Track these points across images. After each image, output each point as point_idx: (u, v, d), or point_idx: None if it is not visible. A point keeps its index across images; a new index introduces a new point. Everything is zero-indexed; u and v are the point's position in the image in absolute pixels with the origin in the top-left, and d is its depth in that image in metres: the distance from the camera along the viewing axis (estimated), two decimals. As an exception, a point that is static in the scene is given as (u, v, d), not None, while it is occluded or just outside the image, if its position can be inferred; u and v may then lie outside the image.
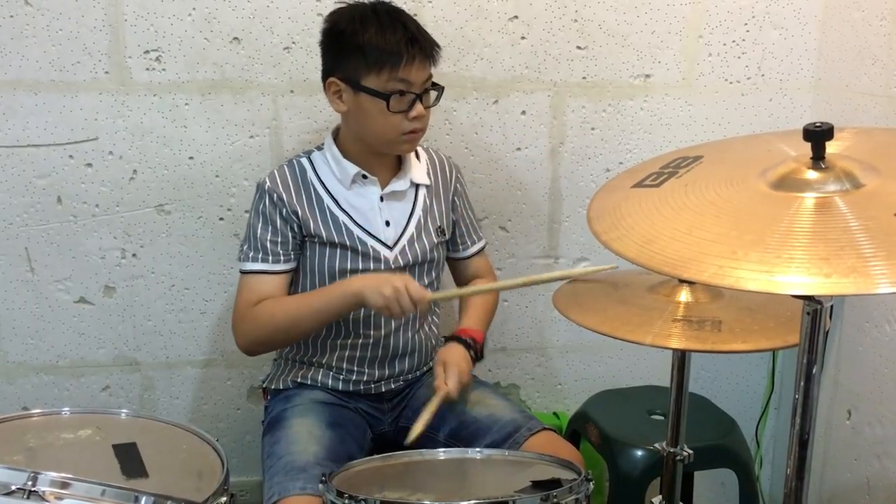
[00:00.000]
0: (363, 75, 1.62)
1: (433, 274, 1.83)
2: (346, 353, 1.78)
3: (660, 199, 1.13)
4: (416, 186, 1.80)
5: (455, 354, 1.73)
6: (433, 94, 1.70)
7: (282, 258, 1.72)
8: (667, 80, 2.10)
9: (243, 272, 1.74)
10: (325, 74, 1.69)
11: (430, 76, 1.68)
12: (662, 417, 1.95)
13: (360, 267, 1.72)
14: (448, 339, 1.80)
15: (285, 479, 1.53)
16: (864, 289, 0.91)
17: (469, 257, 1.92)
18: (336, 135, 1.77)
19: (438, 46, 1.69)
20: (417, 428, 1.58)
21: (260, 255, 1.71)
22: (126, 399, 2.10)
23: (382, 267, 1.73)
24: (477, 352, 1.78)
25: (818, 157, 1.07)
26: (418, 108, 1.65)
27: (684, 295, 1.47)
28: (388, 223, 1.75)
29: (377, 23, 1.61)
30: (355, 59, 1.62)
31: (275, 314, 1.69)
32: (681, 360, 1.54)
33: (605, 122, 2.10)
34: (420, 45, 1.63)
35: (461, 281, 1.95)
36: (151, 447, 1.44)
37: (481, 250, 1.95)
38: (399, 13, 1.67)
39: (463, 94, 2.03)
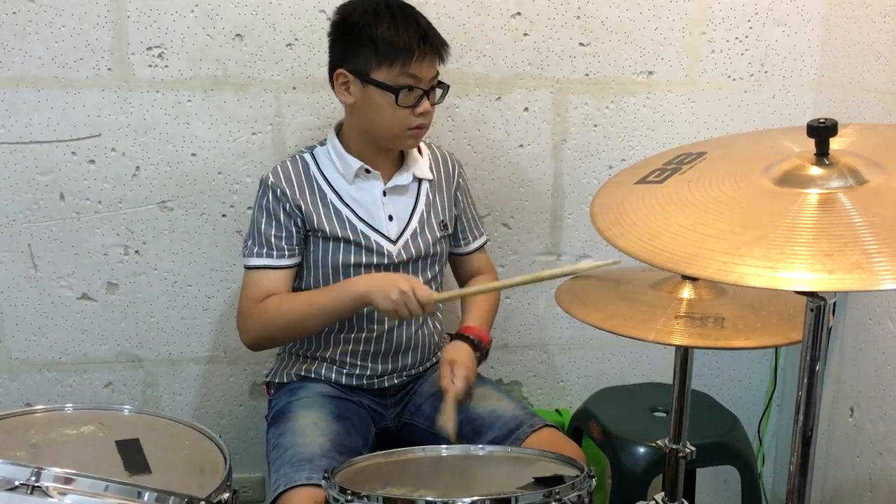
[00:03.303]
0: (373, 68, 1.63)
1: (436, 268, 1.83)
2: (350, 348, 1.78)
3: (663, 195, 1.13)
4: (419, 181, 1.80)
5: (462, 353, 1.74)
6: (439, 91, 1.71)
7: (286, 253, 1.72)
8: (669, 76, 2.09)
9: (248, 268, 1.74)
10: (333, 66, 1.70)
11: (438, 73, 1.69)
12: (665, 414, 1.95)
13: (364, 261, 1.73)
14: (454, 336, 1.81)
15: (291, 470, 1.54)
16: (868, 285, 0.91)
17: (470, 253, 1.93)
18: (339, 130, 1.78)
19: (448, 45, 1.70)
20: (450, 427, 1.62)
21: (265, 251, 1.71)
22: (129, 395, 2.11)
23: (386, 261, 1.74)
24: (482, 351, 1.79)
25: (822, 154, 1.07)
26: (425, 104, 1.66)
27: (687, 292, 1.47)
28: (391, 217, 1.75)
29: (390, 17, 1.62)
30: (366, 52, 1.63)
31: (280, 312, 1.69)
32: (683, 356, 1.54)
33: (607, 118, 2.10)
34: (431, 43, 1.65)
35: (461, 276, 1.96)
36: (154, 443, 1.44)
37: (482, 246, 1.95)
38: (411, 9, 1.68)
39: (465, 91, 2.03)
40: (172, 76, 1.93)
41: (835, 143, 1.07)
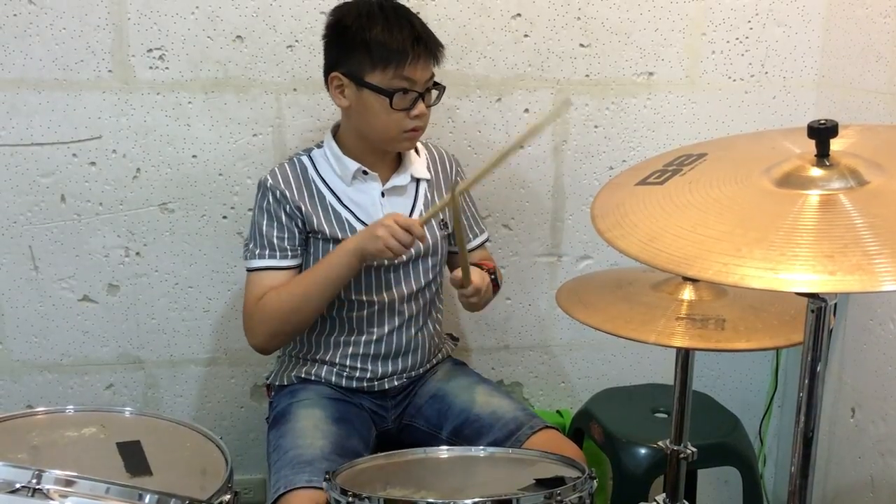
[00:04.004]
0: (367, 72, 1.62)
1: (437, 268, 1.83)
2: (350, 350, 1.78)
3: (664, 196, 1.13)
4: (417, 181, 1.80)
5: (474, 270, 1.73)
6: (434, 93, 1.71)
7: (289, 253, 1.72)
8: (670, 77, 2.09)
9: (250, 270, 1.73)
10: (328, 69, 1.69)
11: (433, 75, 1.68)
12: (666, 415, 1.95)
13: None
14: None
15: (291, 473, 1.53)
16: (869, 286, 0.91)
17: (470, 251, 1.92)
18: (335, 132, 1.78)
19: (442, 46, 1.69)
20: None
21: (267, 252, 1.71)
22: (130, 397, 2.10)
23: (385, 262, 1.73)
24: (491, 275, 1.77)
25: (822, 155, 1.07)
26: (420, 106, 1.66)
27: (688, 293, 1.47)
28: None
29: (384, 20, 1.62)
30: (360, 55, 1.62)
31: (281, 299, 1.68)
32: (684, 358, 1.54)
33: (608, 119, 2.10)
34: (425, 45, 1.64)
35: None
36: (155, 445, 1.44)
37: (483, 244, 1.95)
38: (405, 11, 1.68)
39: (466, 92, 2.03)
40: (173, 78, 1.93)
41: (835, 144, 1.07)
